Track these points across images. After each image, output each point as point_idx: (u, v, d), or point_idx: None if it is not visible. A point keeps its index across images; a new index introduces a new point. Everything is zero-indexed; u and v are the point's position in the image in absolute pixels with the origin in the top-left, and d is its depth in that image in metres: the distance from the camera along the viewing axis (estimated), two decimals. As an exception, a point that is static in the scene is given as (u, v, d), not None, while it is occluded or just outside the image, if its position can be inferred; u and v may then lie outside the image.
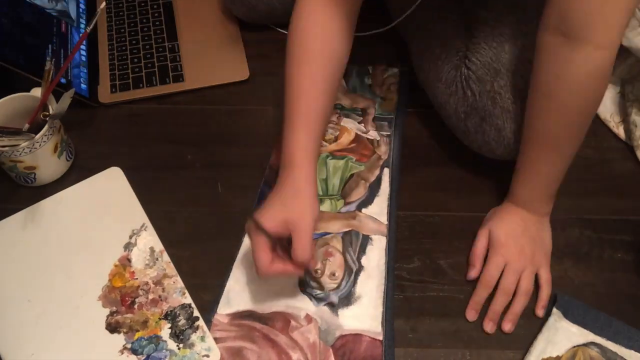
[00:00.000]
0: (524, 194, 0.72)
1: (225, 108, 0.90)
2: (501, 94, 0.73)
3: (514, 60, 0.73)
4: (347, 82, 0.92)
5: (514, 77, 0.73)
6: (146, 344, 0.67)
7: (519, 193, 0.73)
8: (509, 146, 0.74)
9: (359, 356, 0.66)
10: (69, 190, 0.80)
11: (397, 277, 0.73)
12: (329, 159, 0.83)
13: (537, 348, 0.66)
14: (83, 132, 0.87)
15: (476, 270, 0.72)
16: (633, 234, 0.76)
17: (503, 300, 0.70)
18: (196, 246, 0.75)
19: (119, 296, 0.70)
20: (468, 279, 0.72)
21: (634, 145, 0.84)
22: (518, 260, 0.70)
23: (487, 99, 0.74)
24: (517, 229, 0.72)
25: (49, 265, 0.73)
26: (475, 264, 0.72)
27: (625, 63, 0.88)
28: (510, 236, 0.72)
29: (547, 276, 0.71)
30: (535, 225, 0.73)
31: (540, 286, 0.71)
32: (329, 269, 0.73)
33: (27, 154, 0.75)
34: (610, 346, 0.66)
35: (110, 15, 1.01)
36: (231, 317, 0.69)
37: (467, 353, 0.67)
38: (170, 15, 1.01)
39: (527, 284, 0.70)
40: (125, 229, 0.76)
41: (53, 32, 0.90)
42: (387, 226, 0.76)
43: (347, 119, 0.87)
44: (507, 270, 0.70)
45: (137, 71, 0.93)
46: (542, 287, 0.71)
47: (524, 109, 0.72)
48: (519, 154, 0.71)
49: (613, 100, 0.89)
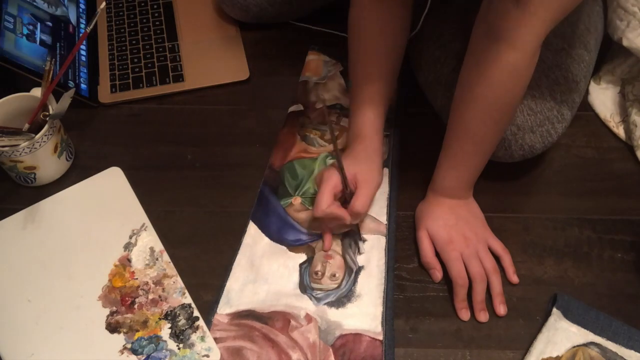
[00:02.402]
0: (447, 184, 0.74)
1: (225, 108, 0.90)
2: None
3: None
4: (347, 82, 0.92)
5: None
6: (146, 344, 0.67)
7: (443, 183, 0.74)
8: (509, 148, 0.74)
9: (359, 356, 0.66)
10: (69, 190, 0.80)
11: (397, 277, 0.73)
12: (329, 159, 0.83)
13: (537, 348, 0.66)
14: (83, 132, 0.87)
15: (439, 271, 0.73)
16: (633, 234, 0.76)
17: (481, 287, 0.70)
18: (196, 246, 0.76)
19: (119, 296, 0.70)
20: (436, 282, 0.72)
21: (634, 145, 0.84)
22: (468, 246, 0.72)
23: None
24: (450, 219, 0.73)
25: (49, 265, 0.73)
26: (433, 265, 0.73)
27: (625, 63, 0.88)
28: (448, 228, 0.73)
29: (498, 244, 0.73)
30: (464, 207, 0.75)
31: (500, 256, 0.73)
32: (330, 271, 0.73)
33: (27, 154, 0.76)
34: (610, 346, 0.66)
35: (110, 15, 1.01)
36: (231, 317, 0.69)
37: (467, 353, 0.67)
38: (170, 15, 1.01)
39: (490, 262, 0.71)
40: (125, 229, 0.76)
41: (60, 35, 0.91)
42: (387, 226, 0.76)
43: (346, 119, 0.87)
44: (467, 260, 0.71)
45: (137, 71, 0.93)
46: (502, 256, 0.73)
47: (522, 110, 0.72)
48: (442, 147, 0.73)
49: (613, 100, 0.89)
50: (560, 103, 0.73)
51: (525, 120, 0.72)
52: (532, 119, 0.72)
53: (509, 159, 0.76)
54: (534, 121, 0.72)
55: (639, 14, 0.80)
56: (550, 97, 0.73)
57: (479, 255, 0.71)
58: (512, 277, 0.72)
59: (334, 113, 0.88)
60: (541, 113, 0.73)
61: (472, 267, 0.70)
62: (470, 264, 0.71)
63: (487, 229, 0.75)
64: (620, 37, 0.82)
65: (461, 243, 0.72)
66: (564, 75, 0.74)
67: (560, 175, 0.82)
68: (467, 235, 0.72)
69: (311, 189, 0.80)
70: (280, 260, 0.74)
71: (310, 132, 0.86)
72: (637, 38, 0.81)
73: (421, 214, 0.76)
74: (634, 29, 0.80)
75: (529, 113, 0.72)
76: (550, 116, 0.73)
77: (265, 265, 0.73)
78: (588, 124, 0.87)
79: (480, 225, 0.75)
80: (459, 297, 0.70)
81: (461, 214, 0.74)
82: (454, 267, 0.71)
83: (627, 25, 0.81)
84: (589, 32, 0.78)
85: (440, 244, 0.73)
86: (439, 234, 0.73)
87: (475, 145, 0.70)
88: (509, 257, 0.73)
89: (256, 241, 0.75)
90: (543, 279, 0.73)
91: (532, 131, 0.73)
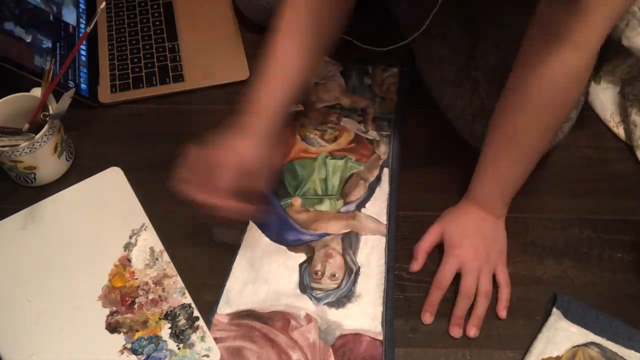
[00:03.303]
0: (482, 193, 0.72)
1: (225, 108, 0.90)
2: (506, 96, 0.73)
3: None
4: (347, 82, 0.92)
5: None
6: (146, 344, 0.67)
7: (478, 192, 0.72)
8: None
9: (359, 356, 0.66)
10: (69, 190, 0.80)
11: (397, 277, 0.73)
12: (329, 159, 0.83)
13: (537, 348, 0.66)
14: (83, 132, 0.87)
15: (418, 264, 0.72)
16: (633, 234, 0.76)
17: (465, 303, 0.68)
18: (196, 246, 0.75)
19: (119, 296, 0.70)
20: (410, 271, 0.72)
21: (634, 145, 0.84)
22: (474, 261, 0.69)
23: (495, 101, 0.73)
24: (470, 229, 0.72)
25: (49, 265, 0.73)
26: (417, 257, 0.72)
27: (625, 63, 0.87)
28: (463, 236, 0.71)
29: (504, 275, 0.71)
30: (490, 226, 0.73)
31: (499, 286, 0.70)
32: (329, 271, 0.73)
33: (27, 154, 0.76)
34: (610, 346, 0.66)
35: (110, 15, 1.01)
36: (231, 317, 0.69)
37: (467, 353, 0.67)
38: (170, 15, 1.01)
39: (486, 285, 0.69)
40: (125, 229, 0.76)
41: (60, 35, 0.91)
42: (387, 226, 0.76)
43: (346, 119, 0.87)
44: (465, 273, 0.69)
45: (137, 71, 0.93)
46: (501, 287, 0.70)
47: None
48: (481, 153, 0.71)
49: (613, 100, 0.88)
50: None
51: None
52: None
53: None
54: None
55: (638, 13, 0.80)
56: None
57: (480, 274, 0.69)
58: (501, 311, 0.69)
59: (334, 113, 0.88)
60: None
61: (466, 281, 0.69)
62: (465, 277, 0.69)
63: (503, 257, 0.72)
64: (619, 36, 0.82)
65: (468, 254, 0.70)
66: None
67: (560, 175, 0.82)
68: (479, 250, 0.70)
69: (311, 189, 0.80)
70: (280, 260, 0.74)
71: (310, 132, 0.86)
72: (636, 37, 0.80)
73: (446, 215, 0.75)
74: (633, 28, 0.80)
75: None
76: None
77: (265, 265, 0.73)
78: (588, 124, 0.87)
79: (496, 250, 0.72)
80: (430, 299, 0.69)
81: (484, 230, 0.72)
82: (443, 270, 0.70)
83: (626, 25, 0.81)
84: None
85: (449, 244, 0.71)
86: (452, 237, 0.72)
87: (522, 153, 0.68)
88: (508, 291, 0.70)
89: (256, 241, 0.75)
90: (543, 279, 0.73)
91: None
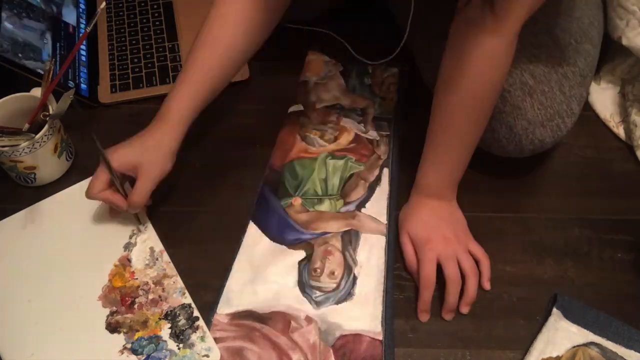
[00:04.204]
0: (427, 183, 0.74)
1: (225, 108, 0.90)
2: (510, 92, 0.73)
3: (522, 57, 0.73)
4: (347, 82, 0.92)
5: (522, 74, 0.73)
6: (146, 344, 0.67)
7: (426, 183, 0.74)
8: (520, 143, 0.74)
9: (359, 356, 0.66)
10: (69, 190, 0.80)
11: (397, 277, 0.73)
12: (329, 159, 0.83)
13: (537, 348, 0.66)
14: (83, 132, 0.87)
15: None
16: (633, 234, 0.76)
17: (455, 289, 0.69)
18: (196, 246, 0.76)
19: (119, 296, 0.70)
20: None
21: (634, 145, 0.84)
22: (447, 247, 0.70)
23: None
24: (430, 220, 0.73)
25: (49, 265, 0.73)
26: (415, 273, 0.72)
27: (625, 63, 0.88)
28: (428, 230, 0.72)
29: (478, 248, 0.72)
30: (446, 210, 0.74)
31: (478, 261, 0.71)
32: (328, 268, 0.73)
33: (27, 154, 0.76)
34: (610, 346, 0.66)
35: (110, 15, 1.01)
36: (231, 317, 0.69)
37: (467, 353, 0.67)
38: (170, 15, 1.01)
39: (469, 264, 0.70)
40: (125, 229, 0.76)
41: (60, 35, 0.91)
42: (387, 226, 0.76)
43: (346, 119, 0.87)
44: (444, 261, 0.70)
45: (137, 71, 0.93)
46: (481, 261, 0.71)
47: (533, 105, 0.72)
48: (424, 145, 0.73)
49: (613, 100, 0.89)
50: (570, 97, 0.74)
51: (535, 115, 0.72)
52: (543, 113, 0.72)
53: (519, 154, 0.75)
54: (545, 115, 0.72)
55: (638, 12, 0.80)
56: (559, 91, 0.73)
57: (458, 257, 0.70)
58: (485, 284, 0.71)
59: (334, 113, 0.88)
60: (551, 107, 0.73)
61: (448, 268, 0.69)
62: (446, 264, 0.69)
63: (468, 232, 0.74)
64: (619, 36, 0.82)
65: (440, 243, 0.71)
66: (572, 70, 0.75)
67: (560, 175, 0.82)
68: (447, 236, 0.71)
69: (311, 189, 0.80)
70: (280, 260, 0.73)
71: (310, 132, 0.86)
72: (636, 37, 0.81)
73: (403, 217, 0.76)
74: (633, 27, 0.80)
75: (539, 107, 0.72)
76: (560, 110, 0.73)
77: (265, 265, 0.73)
78: (588, 124, 0.87)
79: (462, 229, 0.74)
80: (422, 299, 0.69)
81: (443, 216, 0.74)
82: (425, 268, 0.70)
83: (626, 24, 0.81)
84: (593, 26, 0.79)
85: (419, 244, 0.72)
86: (418, 234, 0.73)
87: (456, 139, 0.70)
88: (487, 263, 0.72)
89: (256, 241, 0.75)
90: (543, 279, 0.73)
91: (542, 125, 0.73)
